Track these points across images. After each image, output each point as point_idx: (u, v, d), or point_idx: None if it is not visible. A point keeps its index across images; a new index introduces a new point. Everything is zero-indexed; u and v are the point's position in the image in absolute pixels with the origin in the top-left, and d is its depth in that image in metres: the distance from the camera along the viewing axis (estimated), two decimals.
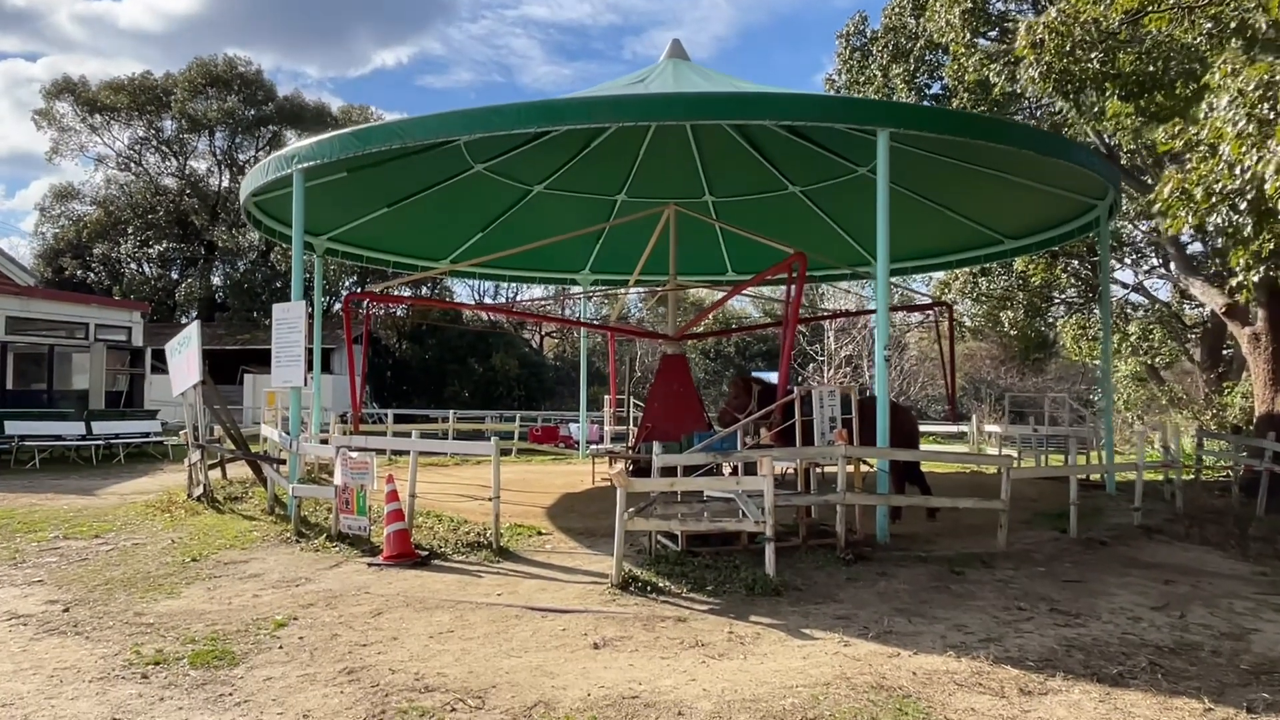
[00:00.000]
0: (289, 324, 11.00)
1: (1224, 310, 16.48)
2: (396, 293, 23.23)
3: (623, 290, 20.26)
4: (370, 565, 8.68)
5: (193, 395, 12.73)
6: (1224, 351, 24.34)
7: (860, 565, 8.54)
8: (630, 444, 16.42)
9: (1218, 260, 19.58)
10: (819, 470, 11.00)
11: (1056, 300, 28.45)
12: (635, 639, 6.54)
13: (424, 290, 47.87)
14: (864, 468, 9.93)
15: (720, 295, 18.26)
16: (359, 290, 34.72)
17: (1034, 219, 16.83)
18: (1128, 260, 27.68)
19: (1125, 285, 27.72)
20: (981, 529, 10.45)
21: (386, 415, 25.78)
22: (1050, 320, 28.60)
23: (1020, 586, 8.08)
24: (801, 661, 6.02)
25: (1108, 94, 10.09)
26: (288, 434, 11.05)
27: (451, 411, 23.91)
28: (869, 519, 9.58)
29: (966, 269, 29.38)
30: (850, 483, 8.87)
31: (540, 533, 10.12)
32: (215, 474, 14.42)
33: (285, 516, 10.75)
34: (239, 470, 15.03)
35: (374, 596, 7.69)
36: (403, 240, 19.45)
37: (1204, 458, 16.14)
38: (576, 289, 23.65)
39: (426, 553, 9.05)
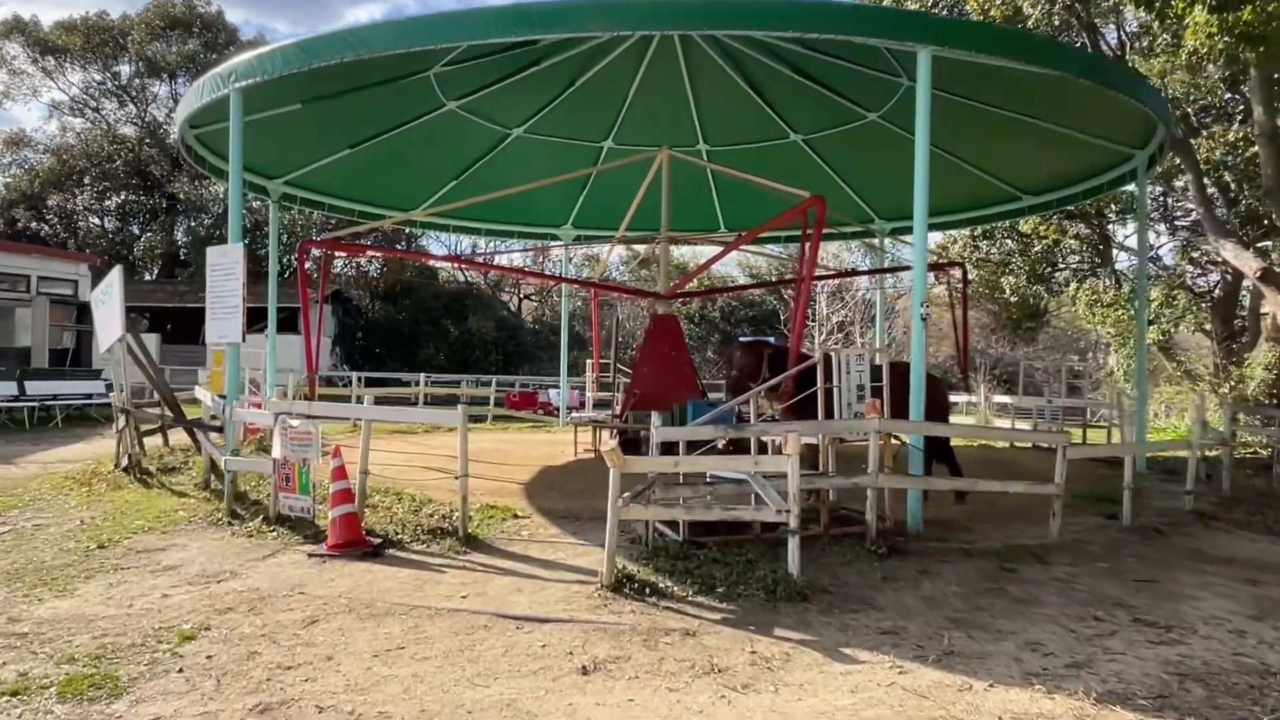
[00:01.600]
0: (225, 270, 9.46)
1: (1259, 275, 15.27)
2: (363, 247, 21.63)
3: (608, 244, 18.73)
4: (311, 556, 7.26)
5: (119, 351, 11.18)
6: (1234, 321, 23.29)
7: (896, 560, 7.22)
8: (616, 412, 15.04)
9: (1241, 223, 18.40)
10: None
11: (1061, 265, 27.30)
12: (634, 661, 5.18)
13: (400, 246, 46.05)
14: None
15: (715, 251, 16.79)
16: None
17: (1059, 172, 15.45)
18: (1130, 227, 26.47)
19: (1129, 250, 26.55)
20: (1020, 514, 9.18)
21: (354, 378, 24.16)
22: (1054, 286, 27.46)
23: (1087, 588, 6.79)
24: (850, 698, 4.68)
25: (1195, 4, 8.70)
26: (223, 397, 9.54)
27: (422, 375, 22.40)
28: (898, 504, 8.25)
29: (967, 230, 28.15)
30: (881, 463, 7.51)
31: (516, 515, 8.72)
32: (155, 441, 12.89)
33: (222, 492, 9.29)
34: (184, 437, 13.50)
35: (310, 598, 6.26)
36: (368, 187, 17.79)
37: (1236, 434, 14.94)
38: (557, 247, 22.08)
39: (380, 540, 7.63)
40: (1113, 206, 24.24)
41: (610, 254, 21.76)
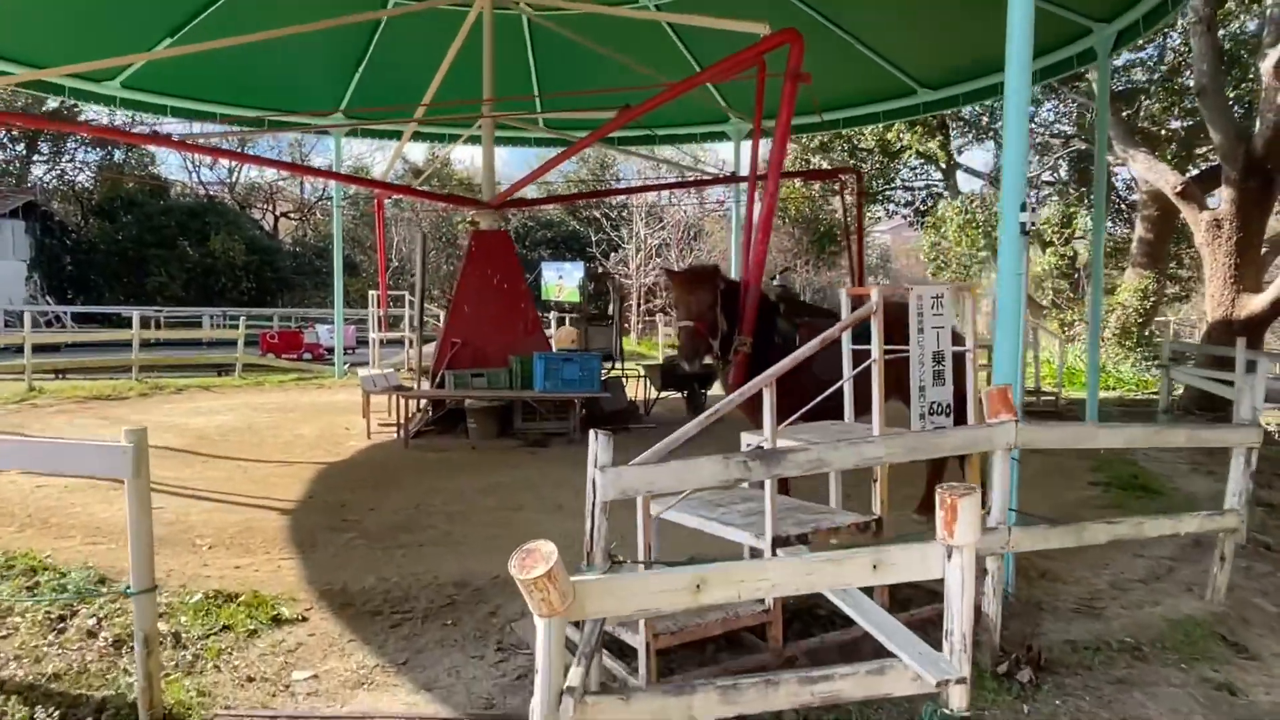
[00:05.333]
0: None
1: (1177, 191, 13.27)
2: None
3: (395, 142, 13.97)
4: None
5: None
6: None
7: (1053, 696, 3.78)
8: (410, 364, 10.77)
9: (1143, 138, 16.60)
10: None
11: (894, 184, 25.37)
12: None
13: (118, 155, 37.62)
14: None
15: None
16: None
17: (975, 58, 12.49)
18: (959, 140, 24.76)
19: (972, 172, 25.02)
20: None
21: (27, 319, 17.82)
22: (890, 207, 25.57)
23: None
24: None
25: None
26: None
27: (136, 311, 16.66)
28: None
29: (801, 139, 25.55)
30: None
31: (279, 619, 4.43)
32: None
33: None
34: None
35: None
36: (28, 37, 11.94)
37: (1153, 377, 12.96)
38: (328, 130, 16.86)
39: None
40: (958, 122, 22.30)
41: (392, 166, 16.90)
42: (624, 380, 10.89)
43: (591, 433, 3.24)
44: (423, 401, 9.88)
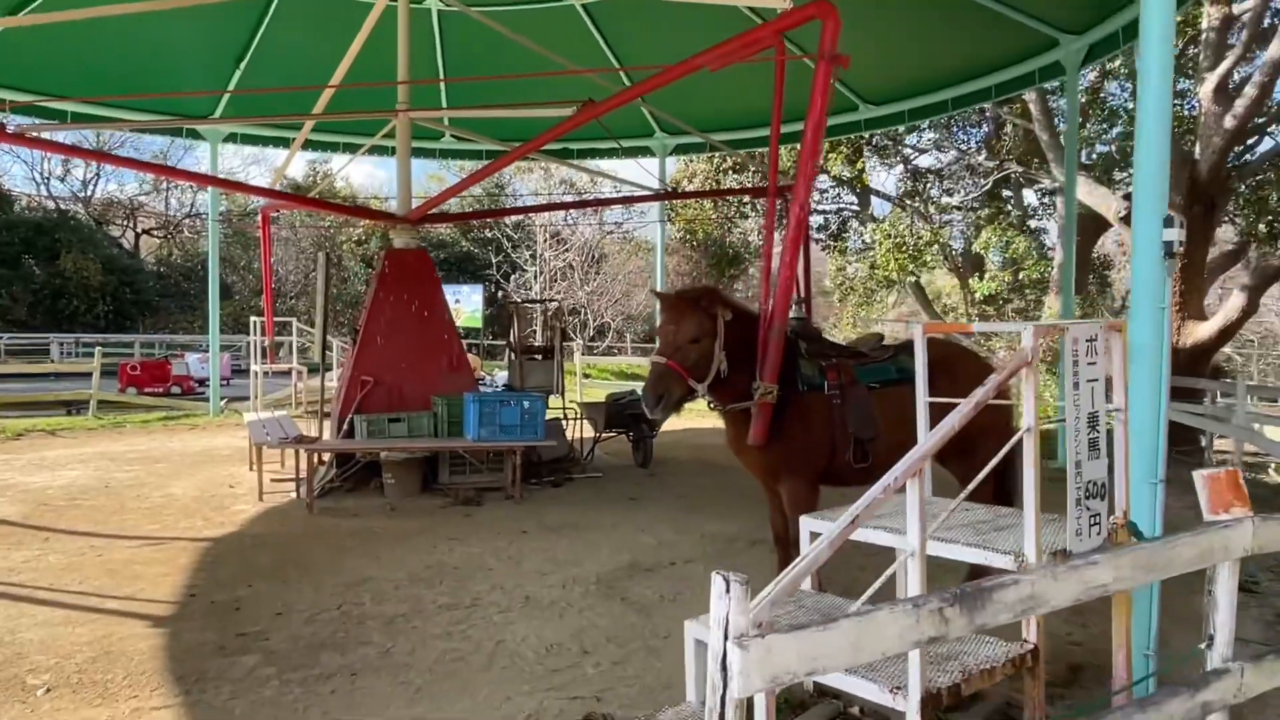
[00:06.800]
0: None
1: (1121, 216, 12.92)
2: None
3: (298, 132, 12.15)
4: None
5: None
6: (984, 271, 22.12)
7: None
8: (332, 412, 9.11)
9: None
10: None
11: (818, 206, 24.84)
12: None
13: None
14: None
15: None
16: None
17: (919, 73, 11.77)
18: (877, 163, 24.41)
19: (885, 195, 24.72)
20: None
21: None
22: (814, 231, 25.03)
23: None
24: None
25: None
26: None
27: None
28: None
29: (711, 158, 24.74)
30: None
31: None
32: None
33: None
34: None
35: None
36: None
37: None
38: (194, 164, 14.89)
39: None
40: (871, 146, 21.91)
41: (282, 172, 15.03)
42: (565, 422, 9.51)
43: (716, 578, 1.94)
44: (319, 459, 8.25)
